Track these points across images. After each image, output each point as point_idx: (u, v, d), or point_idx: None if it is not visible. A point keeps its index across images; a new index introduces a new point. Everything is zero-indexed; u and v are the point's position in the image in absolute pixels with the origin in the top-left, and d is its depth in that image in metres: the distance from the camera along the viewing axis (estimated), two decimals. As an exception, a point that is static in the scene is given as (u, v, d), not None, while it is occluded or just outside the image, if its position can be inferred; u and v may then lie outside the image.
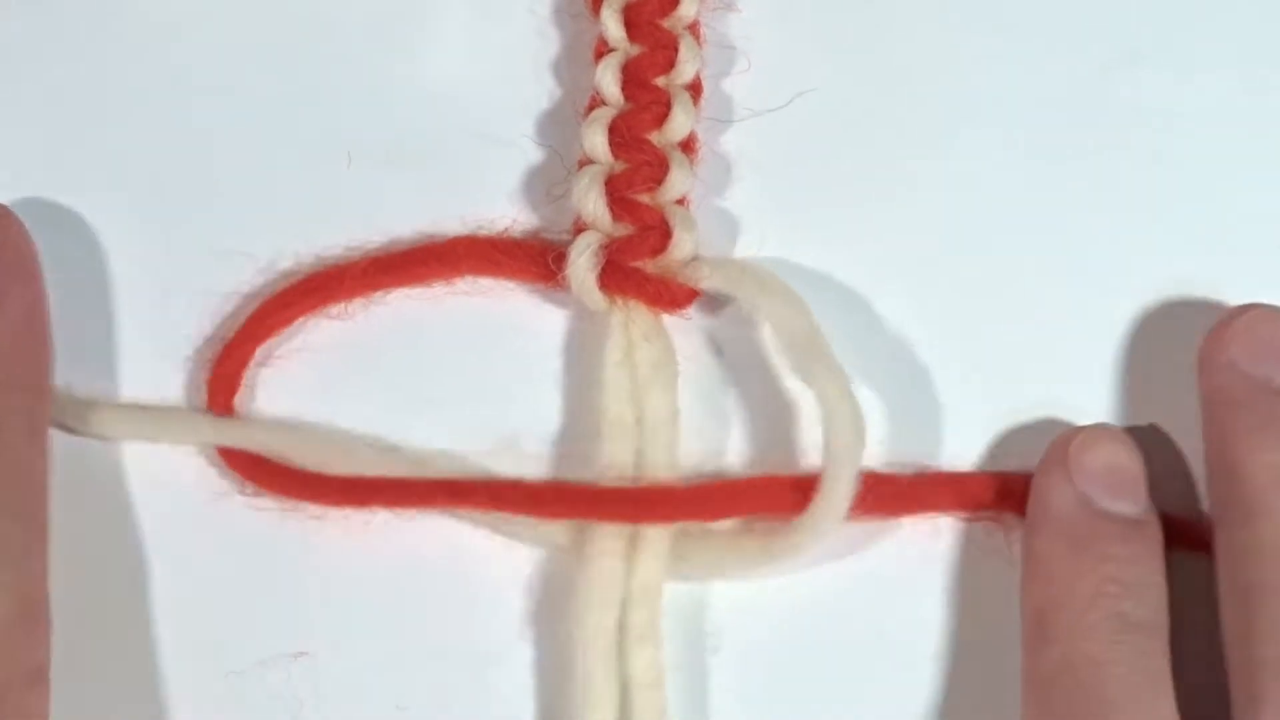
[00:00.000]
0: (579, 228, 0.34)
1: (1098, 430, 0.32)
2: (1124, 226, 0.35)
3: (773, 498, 0.32)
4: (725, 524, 0.33)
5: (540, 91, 0.36)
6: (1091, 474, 0.31)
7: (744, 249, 0.35)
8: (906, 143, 0.35)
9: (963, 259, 0.35)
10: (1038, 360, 0.34)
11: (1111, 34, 0.35)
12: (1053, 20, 0.36)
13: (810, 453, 0.33)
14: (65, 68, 0.36)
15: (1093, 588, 0.30)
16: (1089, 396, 0.34)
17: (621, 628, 0.32)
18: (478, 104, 0.36)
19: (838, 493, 0.31)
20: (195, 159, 0.36)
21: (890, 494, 0.32)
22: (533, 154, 0.36)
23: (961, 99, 0.36)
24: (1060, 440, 0.32)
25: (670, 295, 0.34)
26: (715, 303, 0.35)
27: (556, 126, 0.36)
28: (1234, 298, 0.34)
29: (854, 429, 0.31)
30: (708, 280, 0.34)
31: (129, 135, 0.36)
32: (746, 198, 0.35)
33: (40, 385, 0.32)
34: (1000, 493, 0.33)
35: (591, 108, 0.35)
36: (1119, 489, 0.31)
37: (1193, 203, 0.35)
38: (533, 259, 0.34)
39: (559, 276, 0.34)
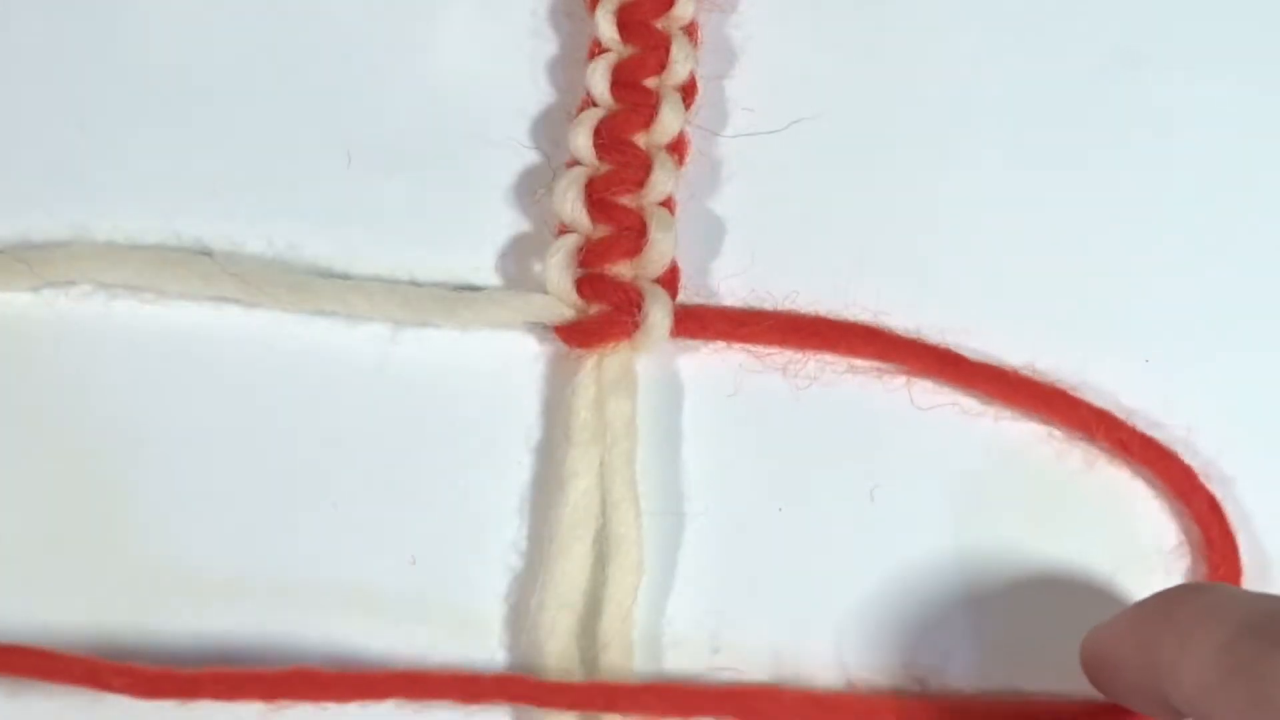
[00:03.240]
0: (561, 229, 0.34)
1: None
2: (1124, 226, 0.34)
3: None
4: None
5: (539, 92, 0.36)
6: None
7: (734, 255, 0.35)
8: (905, 142, 0.35)
9: (959, 261, 0.34)
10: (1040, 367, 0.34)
11: (1111, 34, 0.35)
12: (1053, 20, 0.35)
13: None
14: (67, 68, 0.36)
15: None
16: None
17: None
18: (478, 105, 0.36)
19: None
20: (196, 158, 0.36)
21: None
22: (531, 155, 0.36)
23: (961, 99, 0.35)
24: None
25: (638, 304, 0.33)
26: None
27: (553, 128, 0.36)
28: (1233, 297, 0.34)
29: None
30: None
31: (129, 134, 0.36)
32: (740, 203, 0.35)
33: None
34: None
35: (583, 109, 0.35)
36: None
37: (1193, 202, 0.34)
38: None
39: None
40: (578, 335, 0.33)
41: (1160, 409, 0.34)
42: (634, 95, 0.34)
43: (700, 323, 0.34)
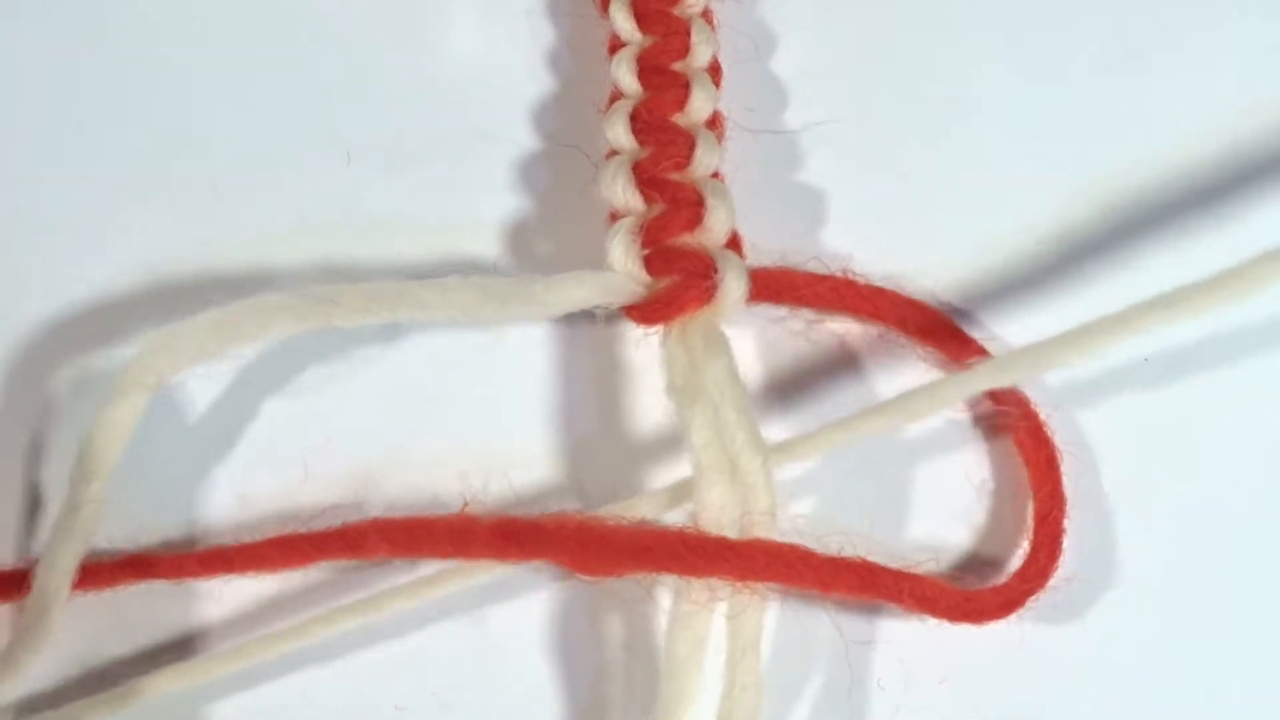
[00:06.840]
0: (613, 217, 0.33)
1: None
2: (1124, 227, 0.35)
3: None
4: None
5: (541, 89, 0.36)
6: None
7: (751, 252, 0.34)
8: (913, 140, 0.36)
9: (960, 258, 0.35)
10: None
11: (1111, 34, 0.36)
12: (1052, 20, 0.36)
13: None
14: (67, 67, 0.35)
15: None
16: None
17: None
18: (477, 103, 0.36)
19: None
20: (196, 158, 0.35)
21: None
22: (531, 152, 0.35)
23: (967, 96, 0.36)
24: None
25: (710, 271, 0.33)
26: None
27: (565, 122, 0.35)
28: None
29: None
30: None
31: (129, 134, 0.35)
32: (753, 198, 0.35)
33: None
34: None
35: (612, 102, 0.34)
36: None
37: (1193, 201, 0.35)
38: None
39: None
40: (652, 309, 0.33)
41: (1159, 409, 0.34)
42: (662, 79, 0.34)
43: (776, 286, 0.33)
